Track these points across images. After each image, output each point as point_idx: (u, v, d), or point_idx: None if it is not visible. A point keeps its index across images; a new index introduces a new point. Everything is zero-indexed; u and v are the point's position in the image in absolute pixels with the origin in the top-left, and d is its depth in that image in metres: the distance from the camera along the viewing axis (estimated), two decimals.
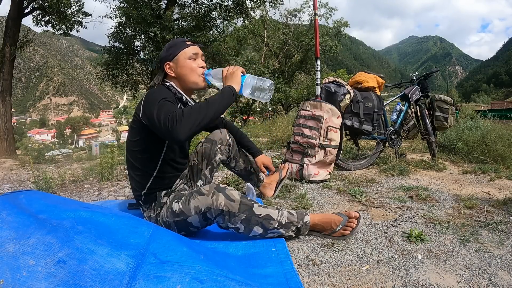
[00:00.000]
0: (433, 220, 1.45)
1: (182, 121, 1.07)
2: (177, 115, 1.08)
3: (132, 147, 1.31)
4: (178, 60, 1.32)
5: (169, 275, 0.77)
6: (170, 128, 1.06)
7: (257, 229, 1.19)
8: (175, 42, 1.36)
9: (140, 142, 1.28)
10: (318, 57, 2.86)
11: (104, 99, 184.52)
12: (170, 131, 1.07)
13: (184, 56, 1.32)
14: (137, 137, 1.28)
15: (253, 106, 15.16)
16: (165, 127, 1.08)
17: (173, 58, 1.33)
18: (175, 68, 1.33)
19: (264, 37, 17.71)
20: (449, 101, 2.74)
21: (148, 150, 1.28)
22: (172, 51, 1.33)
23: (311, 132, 2.22)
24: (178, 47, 1.33)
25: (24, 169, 3.92)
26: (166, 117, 1.08)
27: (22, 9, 7.69)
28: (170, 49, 1.34)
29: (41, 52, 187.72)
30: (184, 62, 1.32)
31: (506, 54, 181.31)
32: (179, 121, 1.07)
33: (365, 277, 1.01)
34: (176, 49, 1.33)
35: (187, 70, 1.32)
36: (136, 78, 10.79)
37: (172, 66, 1.33)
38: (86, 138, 78.51)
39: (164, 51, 1.35)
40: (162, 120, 1.08)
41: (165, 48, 1.36)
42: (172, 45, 1.35)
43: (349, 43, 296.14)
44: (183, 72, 1.33)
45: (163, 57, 1.35)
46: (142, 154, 1.29)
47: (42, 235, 0.76)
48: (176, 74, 1.34)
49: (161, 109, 1.12)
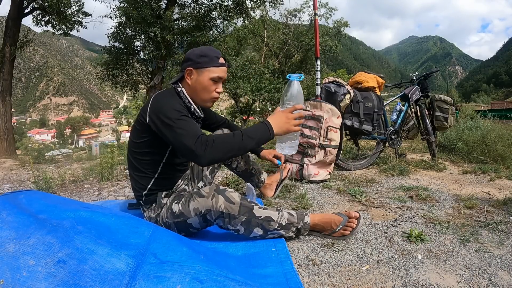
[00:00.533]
0: (433, 220, 1.45)
1: (213, 149, 1.08)
2: (208, 142, 1.08)
3: (134, 148, 1.30)
4: (202, 74, 1.26)
5: (169, 275, 0.77)
6: (199, 153, 1.07)
7: (257, 231, 1.19)
8: (209, 53, 1.27)
9: (143, 145, 1.27)
10: (318, 57, 2.86)
11: (104, 99, 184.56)
12: (197, 155, 1.07)
13: (208, 74, 1.26)
14: (141, 139, 1.26)
15: (253, 106, 15.16)
16: (190, 150, 1.08)
17: (198, 68, 1.26)
18: (194, 78, 1.27)
19: (264, 37, 17.71)
20: (449, 101, 2.74)
21: (150, 153, 1.28)
22: (202, 61, 1.25)
23: (311, 132, 2.22)
24: (210, 61, 1.26)
25: (24, 169, 3.92)
26: (195, 141, 1.08)
27: (22, 9, 7.70)
28: (202, 58, 1.26)
29: (41, 52, 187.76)
30: (205, 79, 1.26)
31: (506, 54, 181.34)
32: (209, 147, 1.07)
33: (365, 277, 1.01)
34: (207, 62, 1.25)
35: (204, 88, 1.27)
36: (136, 78, 10.79)
37: (193, 75, 1.27)
38: (86, 138, 78.47)
39: (194, 55, 1.26)
40: (189, 142, 1.08)
41: (197, 52, 1.27)
42: (205, 54, 1.26)
43: (349, 43, 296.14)
44: (199, 87, 1.27)
45: (190, 61, 1.27)
46: (144, 156, 1.28)
47: (42, 235, 0.76)
48: (191, 84, 1.28)
49: (184, 128, 1.11)
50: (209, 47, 1.33)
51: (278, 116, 1.17)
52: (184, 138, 1.09)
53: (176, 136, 1.11)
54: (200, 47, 1.31)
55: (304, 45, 17.57)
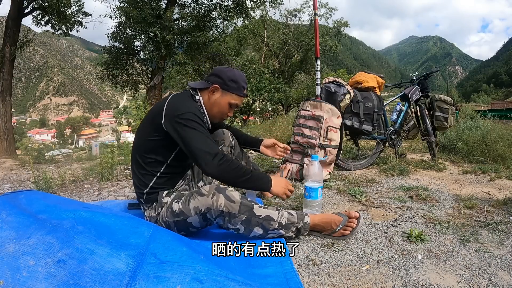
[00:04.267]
0: (433, 220, 1.45)
1: (226, 167, 1.17)
2: (227, 160, 1.17)
3: (142, 146, 1.31)
4: (224, 96, 1.34)
5: (169, 275, 0.77)
6: (214, 162, 1.15)
7: (257, 230, 1.18)
8: (239, 81, 1.35)
9: (152, 143, 1.28)
10: (318, 57, 2.86)
11: (104, 99, 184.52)
12: (211, 163, 1.15)
13: (229, 99, 1.34)
14: (151, 138, 1.28)
15: (253, 106, 15.15)
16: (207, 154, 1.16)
17: (224, 90, 1.33)
18: (216, 97, 1.34)
19: (264, 37, 17.71)
20: (449, 101, 2.74)
21: (157, 153, 1.29)
22: (231, 86, 1.33)
23: (311, 132, 2.22)
24: (237, 89, 1.34)
25: (24, 169, 3.92)
26: (217, 151, 1.17)
27: (22, 9, 7.69)
28: (231, 82, 1.33)
29: (41, 52, 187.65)
30: (224, 102, 1.34)
31: (506, 54, 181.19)
32: (225, 164, 1.17)
33: (365, 277, 1.01)
34: (234, 88, 1.33)
35: (219, 109, 1.35)
36: (136, 78, 10.78)
37: (217, 93, 1.34)
38: (86, 138, 78.37)
39: (226, 77, 1.33)
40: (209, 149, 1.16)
41: (230, 75, 1.33)
42: (236, 80, 1.34)
43: (349, 43, 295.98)
44: (216, 106, 1.35)
45: (220, 79, 1.33)
46: (150, 154, 1.29)
47: (42, 235, 0.76)
48: (211, 100, 1.34)
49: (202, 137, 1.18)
50: (241, 73, 1.39)
51: (280, 180, 1.33)
52: (203, 143, 1.17)
53: (195, 138, 1.18)
54: (233, 70, 1.37)
55: (304, 45, 17.58)
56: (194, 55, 9.86)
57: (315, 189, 1.43)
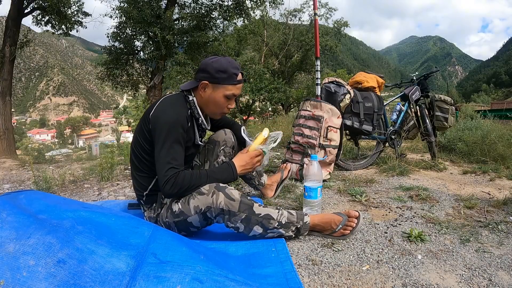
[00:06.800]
0: (433, 220, 1.45)
1: (178, 189, 1.15)
2: (177, 183, 1.14)
3: (138, 148, 1.30)
4: (217, 90, 1.25)
5: (169, 275, 0.77)
6: (165, 187, 1.14)
7: (257, 229, 1.18)
8: (228, 69, 1.23)
9: (147, 145, 1.27)
10: (318, 57, 2.86)
11: (104, 99, 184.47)
12: (164, 187, 1.15)
13: (223, 91, 1.25)
14: (145, 140, 1.27)
15: (253, 106, 15.16)
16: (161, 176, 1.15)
17: (214, 83, 1.25)
18: (208, 93, 1.27)
19: (264, 37, 17.71)
20: (449, 101, 2.74)
21: (153, 155, 1.27)
22: (220, 77, 1.23)
23: (311, 132, 2.22)
24: (228, 78, 1.24)
25: (24, 169, 3.92)
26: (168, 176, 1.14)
27: (22, 9, 7.69)
28: (220, 73, 1.22)
29: (41, 52, 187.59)
30: (219, 96, 1.26)
31: (506, 54, 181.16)
32: (176, 187, 1.14)
33: (365, 277, 1.01)
34: (224, 79, 1.24)
35: (216, 105, 1.28)
36: (136, 78, 10.78)
37: (208, 89, 1.26)
38: (86, 138, 78.38)
39: (212, 69, 1.23)
40: (164, 172, 1.15)
41: (216, 66, 1.23)
42: (224, 69, 1.23)
43: (349, 43, 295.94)
44: (211, 103, 1.28)
45: (207, 74, 1.24)
46: (147, 157, 1.29)
47: (42, 235, 0.76)
48: (204, 97, 1.28)
49: (168, 156, 1.16)
50: (229, 59, 1.27)
51: (242, 158, 1.29)
52: (162, 162, 1.16)
53: (161, 153, 1.17)
54: (219, 60, 1.25)
55: (304, 45, 17.58)
56: (194, 55, 9.87)
57: (315, 189, 1.43)
